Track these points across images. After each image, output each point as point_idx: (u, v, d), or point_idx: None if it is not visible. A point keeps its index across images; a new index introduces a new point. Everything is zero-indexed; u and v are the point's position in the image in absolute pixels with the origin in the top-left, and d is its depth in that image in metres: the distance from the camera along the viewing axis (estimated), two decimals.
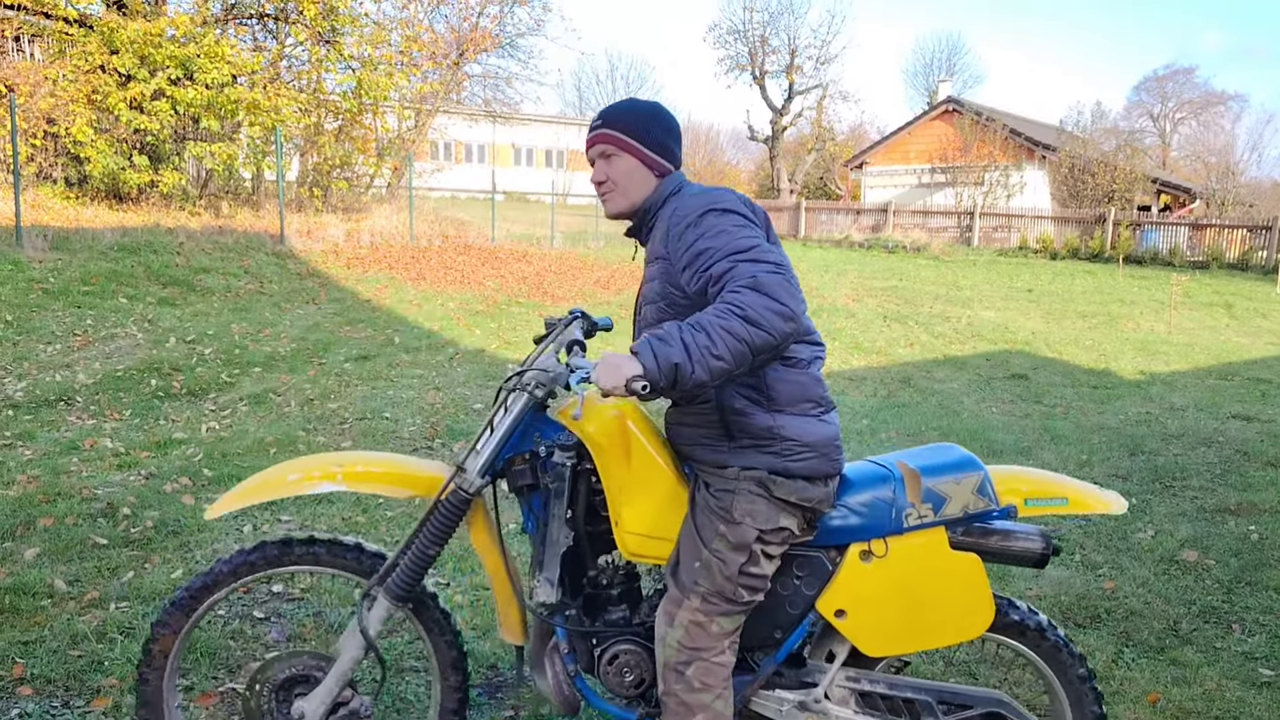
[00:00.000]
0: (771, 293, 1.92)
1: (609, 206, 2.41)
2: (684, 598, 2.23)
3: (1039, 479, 2.47)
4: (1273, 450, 7.00)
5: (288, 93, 16.70)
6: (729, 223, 2.10)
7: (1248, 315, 16.39)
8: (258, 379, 7.74)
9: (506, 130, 37.17)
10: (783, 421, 2.20)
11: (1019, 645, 2.44)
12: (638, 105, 2.40)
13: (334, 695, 2.39)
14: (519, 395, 2.32)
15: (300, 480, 2.37)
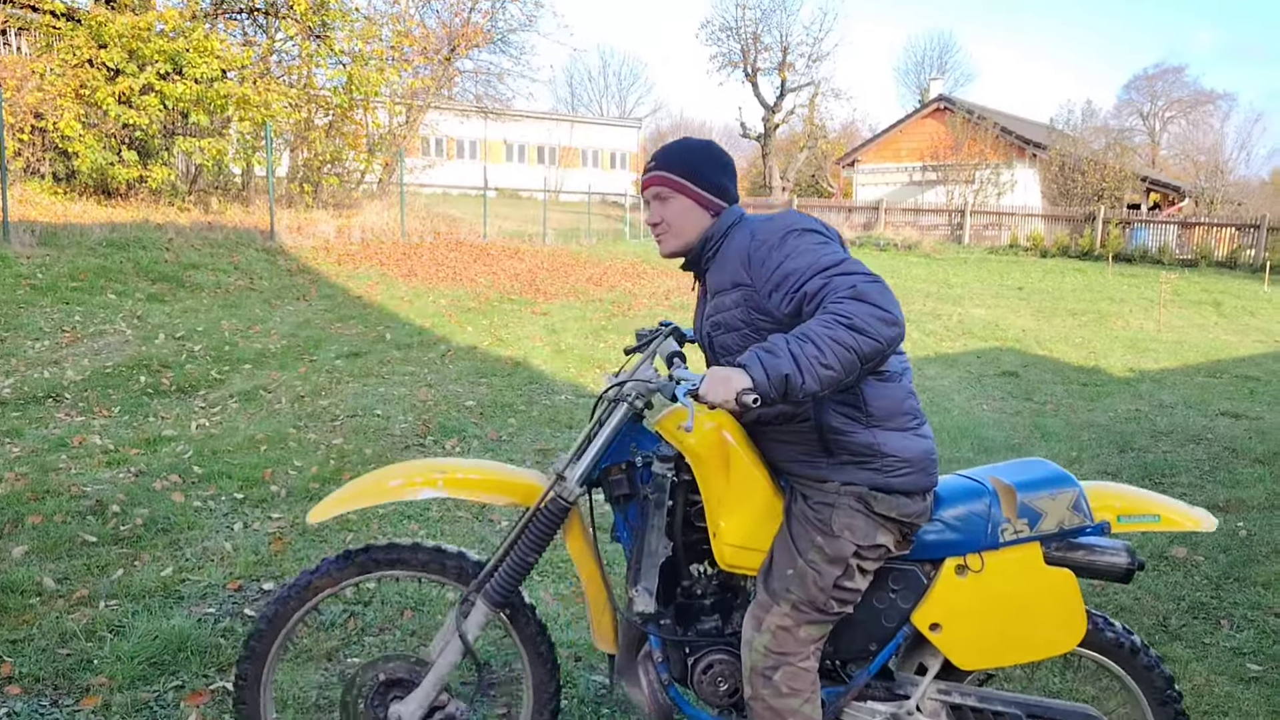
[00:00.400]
0: (873, 300, 1.94)
1: (663, 247, 2.43)
2: (773, 603, 2.25)
3: (1131, 496, 2.48)
4: (1260, 447, 7.03)
5: (278, 88, 16.64)
6: (810, 242, 2.12)
7: (1236, 313, 16.46)
8: (248, 376, 7.71)
9: (498, 126, 37.07)
10: (882, 438, 2.22)
11: (1109, 662, 2.46)
12: (691, 145, 2.41)
13: (431, 699, 2.41)
14: (619, 405, 2.34)
15: (402, 486, 2.41)
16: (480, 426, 6.68)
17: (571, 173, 45.98)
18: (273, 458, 5.64)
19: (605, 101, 62.39)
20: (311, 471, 5.41)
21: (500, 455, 6.00)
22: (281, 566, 4.13)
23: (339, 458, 5.73)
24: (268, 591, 3.89)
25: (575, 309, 12.47)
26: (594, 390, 8.10)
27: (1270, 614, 4.14)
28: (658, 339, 2.57)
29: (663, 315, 12.39)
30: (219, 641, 3.44)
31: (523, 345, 9.81)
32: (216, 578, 3.99)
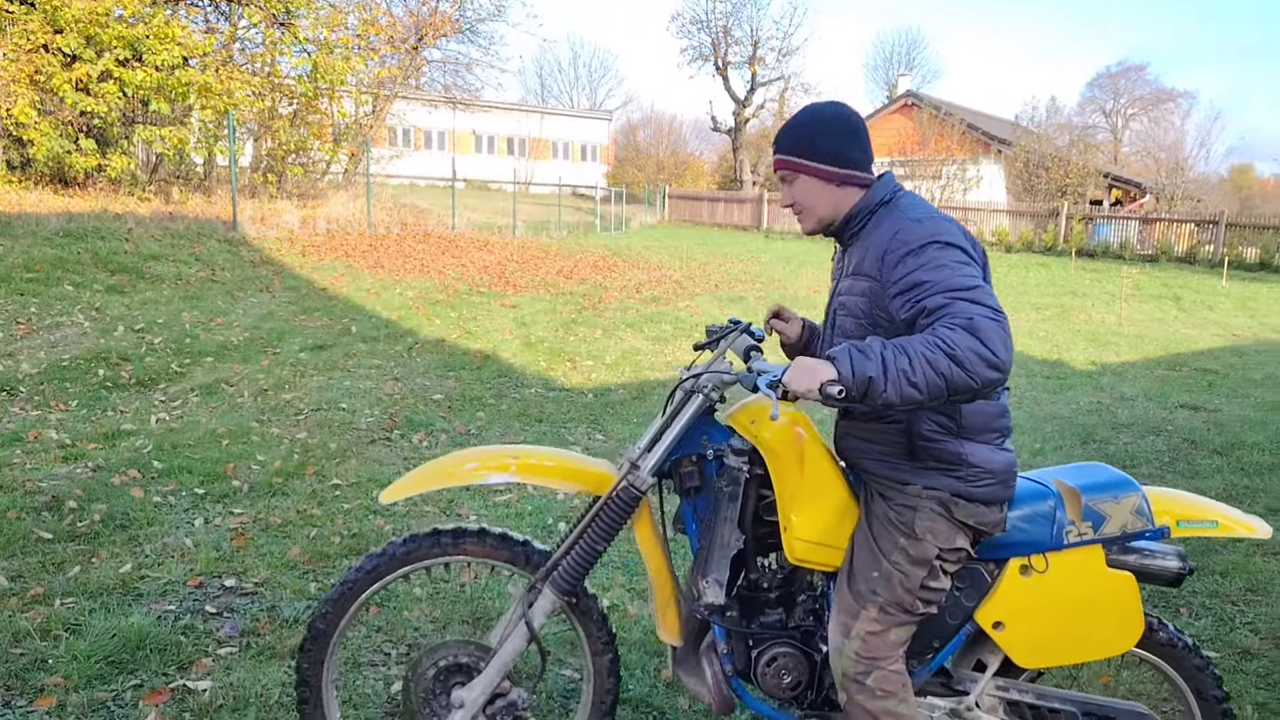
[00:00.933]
0: (984, 338, 1.88)
1: (803, 226, 2.41)
2: (860, 608, 2.26)
3: (1190, 502, 2.51)
4: (1219, 439, 7.13)
5: (241, 76, 16.41)
6: (951, 257, 2.05)
7: (1195, 307, 16.69)
8: (209, 369, 7.60)
9: (467, 117, 36.86)
10: (969, 449, 2.22)
11: (1162, 663, 2.51)
12: (803, 121, 2.33)
13: (494, 685, 2.41)
14: (694, 397, 2.36)
15: (477, 469, 2.42)
16: (448, 420, 6.63)
17: (541, 164, 45.82)
18: (235, 452, 5.56)
19: (576, 93, 62.26)
20: (275, 466, 5.34)
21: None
22: (243, 562, 4.08)
23: (303, 452, 5.66)
24: (230, 588, 3.84)
25: (545, 302, 12.42)
26: (564, 383, 8.07)
27: (1227, 601, 4.20)
28: (730, 334, 2.58)
29: (634, 308, 12.37)
30: (179, 639, 3.38)
31: (492, 338, 9.75)
32: (177, 574, 3.92)
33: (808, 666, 2.44)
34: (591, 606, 2.52)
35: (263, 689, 3.09)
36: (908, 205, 2.23)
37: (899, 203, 2.25)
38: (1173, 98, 52.25)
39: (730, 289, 15.31)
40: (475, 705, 2.39)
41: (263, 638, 3.44)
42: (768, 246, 26.56)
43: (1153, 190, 34.34)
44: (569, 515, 4.85)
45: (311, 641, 2.45)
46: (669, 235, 29.22)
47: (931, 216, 2.15)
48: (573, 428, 6.72)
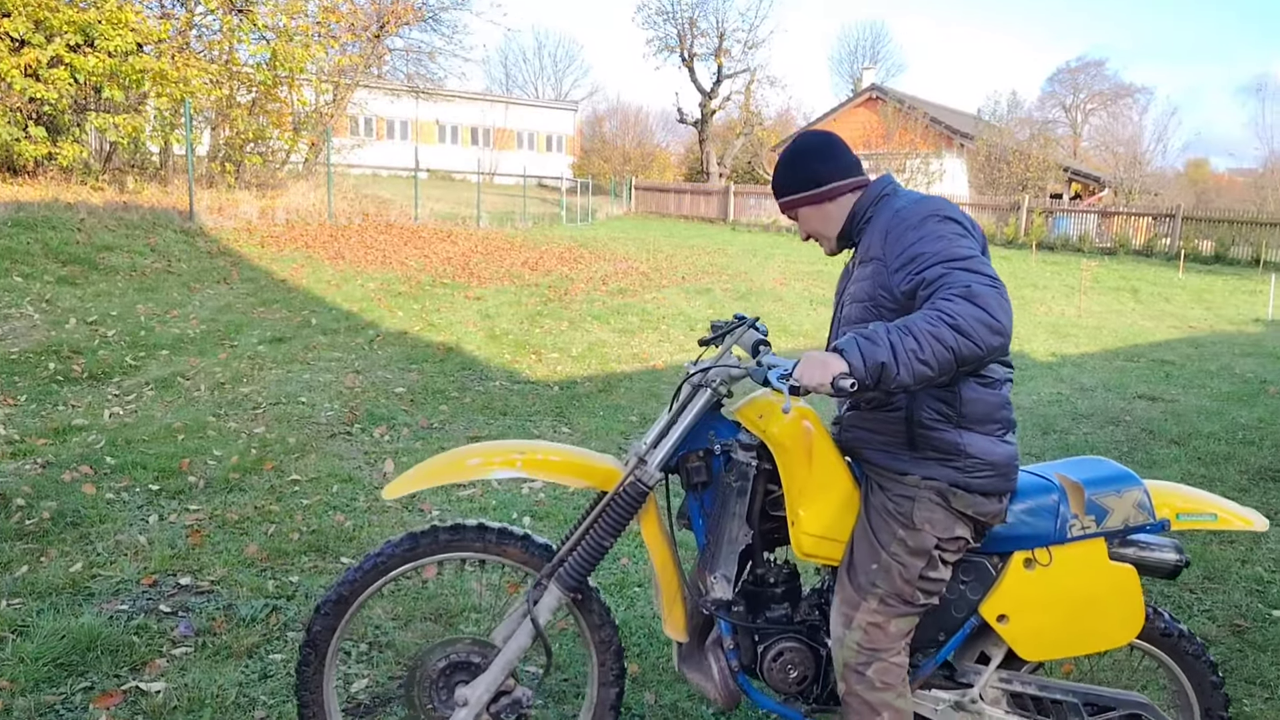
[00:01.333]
0: (984, 304, 1.92)
1: (825, 250, 2.50)
2: (861, 599, 2.27)
3: (1189, 495, 2.54)
4: (1176, 429, 7.22)
5: (197, 63, 16.12)
6: (949, 230, 2.12)
7: (1152, 299, 16.91)
8: (165, 362, 7.45)
9: (430, 106, 36.48)
10: (969, 440, 2.23)
11: (1160, 653, 2.54)
12: (780, 164, 2.45)
13: (499, 683, 2.39)
14: (703, 391, 2.35)
15: (481, 465, 2.40)
16: (410, 414, 6.55)
17: (506, 155, 45.52)
18: (191, 447, 5.45)
19: (541, 83, 61.95)
20: (232, 461, 5.24)
21: (431, 443, 5.88)
22: (200, 560, 3.99)
23: (261, 447, 5.57)
24: (185, 586, 3.75)
25: (510, 293, 12.32)
26: (529, 376, 8.01)
27: (1185, 589, 4.25)
28: (737, 329, 2.58)
29: (601, 300, 12.31)
30: (132, 639, 3.30)
31: (455, 330, 9.65)
32: (130, 573, 3.83)
33: (814, 661, 2.45)
34: (596, 603, 2.50)
35: (219, 689, 3.02)
36: (907, 192, 2.34)
37: (897, 192, 2.34)
38: (1130, 93, 52.94)
39: (697, 281, 15.29)
40: (479, 703, 2.38)
41: (219, 637, 3.37)
42: (734, 238, 26.59)
43: (1111, 184, 34.77)
44: (534, 510, 4.80)
45: (309, 647, 2.41)
46: (635, 227, 29.16)
47: (930, 197, 2.25)
48: (538, 421, 6.67)
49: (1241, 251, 24.38)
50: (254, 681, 3.11)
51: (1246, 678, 3.48)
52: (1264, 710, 3.25)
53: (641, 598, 3.89)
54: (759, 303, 13.42)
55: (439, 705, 2.41)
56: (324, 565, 4.03)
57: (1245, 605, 4.12)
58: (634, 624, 3.65)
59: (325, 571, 3.97)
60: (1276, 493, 5.76)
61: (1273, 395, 8.61)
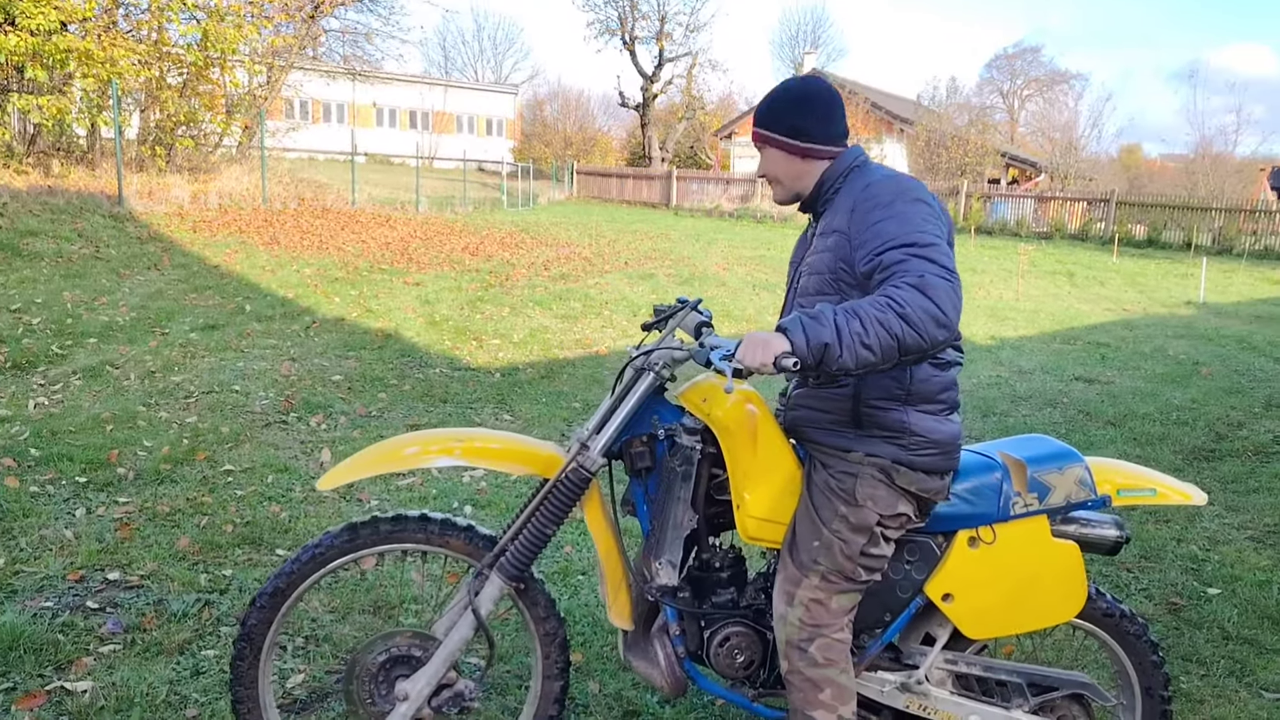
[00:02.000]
0: (934, 296, 1.91)
1: (774, 195, 2.44)
2: (803, 576, 2.26)
3: (1129, 471, 2.56)
4: (1112, 410, 7.36)
5: (125, 43, 15.63)
6: (917, 213, 2.08)
7: (1087, 283, 17.24)
8: (93, 350, 7.23)
9: (368, 89, 35.90)
10: (915, 418, 2.24)
11: (1102, 633, 2.56)
12: (774, 95, 2.37)
13: (440, 676, 2.34)
14: (645, 375, 2.33)
15: (419, 454, 2.35)
16: (348, 402, 6.43)
17: (446, 138, 45.06)
18: (120, 438, 5.29)
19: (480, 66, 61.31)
20: (163, 452, 5.09)
21: (369, 431, 5.78)
22: (129, 554, 3.87)
23: (193, 437, 5.42)
24: (113, 581, 3.63)
25: (450, 279, 12.17)
26: (470, 363, 7.91)
27: (1122, 569, 4.33)
28: (679, 312, 2.53)
29: (543, 286, 12.21)
30: (58, 638, 3.19)
31: (394, 316, 9.50)
32: (55, 568, 3.70)
33: (761, 645, 2.44)
34: (540, 592, 2.45)
35: (149, 688, 2.93)
36: (878, 167, 2.30)
37: (868, 166, 2.31)
38: (1066, 79, 53.85)
39: (640, 266, 15.25)
40: (420, 697, 2.32)
41: (149, 633, 3.27)
42: (677, 223, 26.58)
43: (1047, 169, 35.43)
44: (475, 499, 4.74)
45: (244, 641, 2.33)
46: (578, 212, 29.02)
47: (902, 175, 2.22)
48: (479, 408, 6.59)
49: (1173, 236, 25.01)
50: (185, 679, 3.02)
51: (1183, 655, 3.55)
52: (1200, 687, 3.31)
53: (585, 586, 3.86)
54: (702, 288, 13.43)
55: (378, 700, 2.34)
56: (259, 558, 3.93)
57: (1181, 583, 4.21)
58: (578, 612, 3.61)
59: (260, 564, 3.87)
60: (1210, 471, 5.90)
61: (1205, 377, 8.83)
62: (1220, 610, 3.92)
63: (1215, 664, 3.49)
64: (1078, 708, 2.54)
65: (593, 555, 4.07)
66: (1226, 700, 3.24)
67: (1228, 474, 5.84)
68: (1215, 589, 4.14)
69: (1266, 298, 15.91)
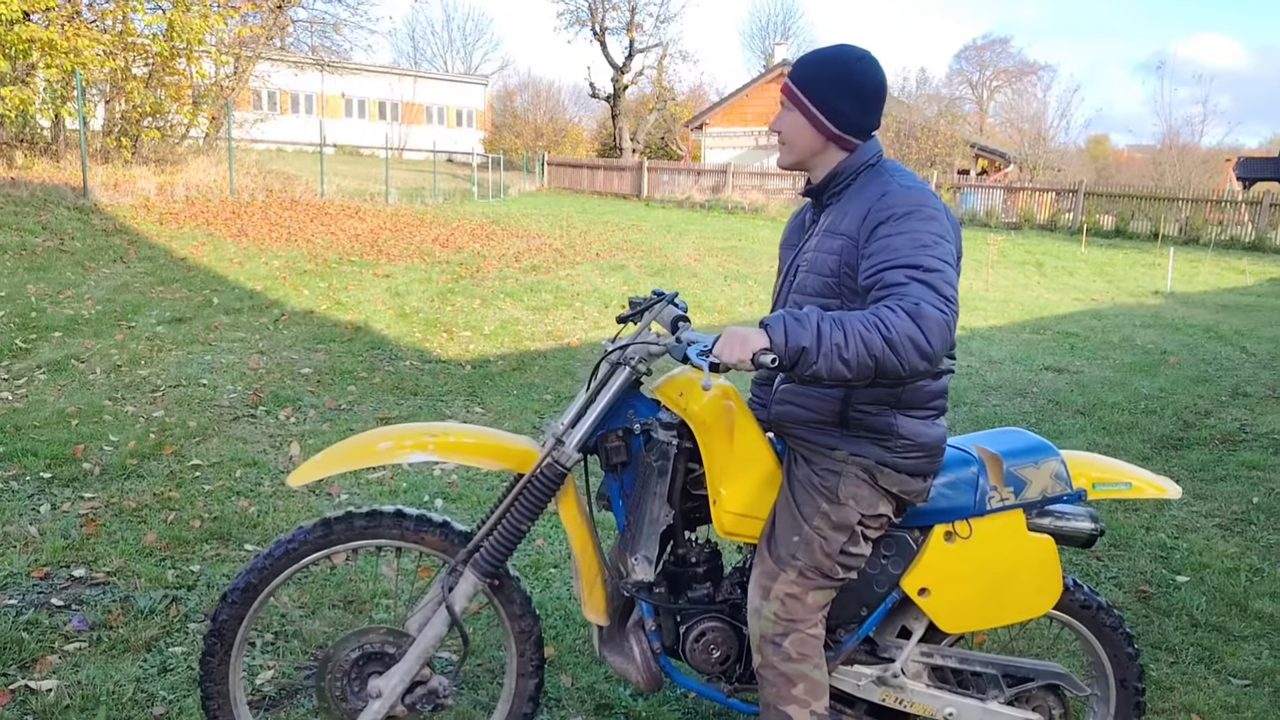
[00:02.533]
0: (924, 326, 1.86)
1: (780, 158, 2.34)
2: (780, 571, 2.24)
3: (1105, 465, 2.56)
4: (1081, 399, 7.43)
5: (89, 33, 15.41)
6: (929, 232, 2.02)
7: (1056, 273, 17.41)
8: (58, 344, 7.12)
9: (336, 80, 35.57)
10: (902, 422, 2.21)
11: (1078, 624, 2.57)
12: (826, 58, 2.24)
13: (414, 673, 2.31)
14: (621, 369, 2.30)
15: (392, 449, 2.31)
16: (317, 395, 6.37)
17: (415, 130, 44.75)
18: (85, 432, 5.21)
19: (450, 57, 60.90)
20: (129, 446, 5.02)
21: (339, 425, 5.73)
22: (94, 550, 3.82)
23: (160, 431, 5.35)
24: (79, 578, 3.58)
25: (420, 271, 12.09)
26: (441, 355, 7.87)
27: (1092, 557, 4.36)
28: (655, 305, 2.47)
29: (514, 277, 12.16)
30: (21, 636, 3.14)
31: (364, 309, 9.43)
32: (19, 565, 3.64)
33: (736, 641, 2.43)
34: (515, 590, 2.43)
35: (115, 685, 2.90)
36: (894, 170, 2.22)
37: (884, 166, 2.23)
38: (1035, 70, 54.38)
39: (611, 257, 15.23)
40: (394, 694, 2.30)
41: (115, 630, 3.22)
42: (648, 214, 26.56)
43: (1016, 160, 35.70)
44: (447, 492, 4.71)
45: (215, 637, 2.29)
46: (549, 203, 28.94)
47: (920, 186, 2.14)
48: (450, 401, 6.55)
49: (1141, 226, 25.31)
50: (153, 676, 2.98)
51: (1152, 643, 3.58)
52: (1169, 674, 3.34)
53: (558, 579, 3.85)
54: (674, 279, 13.43)
55: (351, 697, 2.32)
56: (227, 553, 3.89)
57: (1150, 571, 4.25)
58: (550, 606, 3.60)
59: (228, 559, 3.83)
60: (1177, 460, 5.97)
61: (1172, 366, 8.94)
62: (1189, 598, 3.96)
63: (1184, 651, 3.53)
64: (1053, 698, 2.55)
65: (565, 549, 4.07)
66: (1195, 687, 3.27)
67: (1195, 462, 5.90)
68: (1184, 576, 4.19)
69: (1232, 287, 16.13)
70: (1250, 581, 4.16)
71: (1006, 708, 2.48)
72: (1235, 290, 15.71)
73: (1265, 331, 11.26)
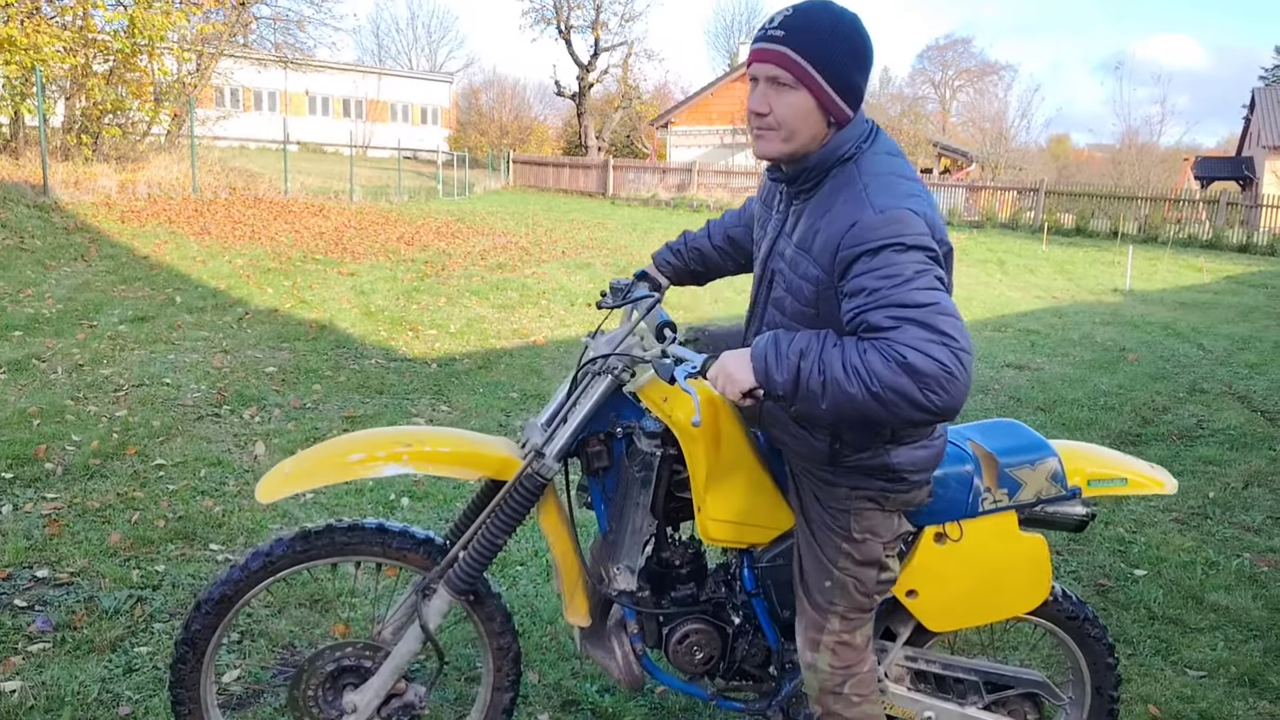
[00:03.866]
0: (919, 381, 1.64)
1: (761, 146, 1.97)
2: (824, 621, 2.17)
3: (1099, 458, 2.52)
4: (1041, 396, 7.54)
5: (49, 29, 15.20)
6: (909, 262, 1.75)
7: (1018, 271, 17.59)
8: (18, 344, 7.03)
9: (300, 77, 35.25)
10: (895, 455, 2.06)
11: (1062, 633, 2.56)
12: (833, 22, 1.88)
13: (388, 688, 2.31)
14: (602, 378, 2.22)
15: (364, 461, 2.21)
16: (281, 394, 6.34)
17: (380, 127, 44.45)
18: (47, 432, 5.16)
19: (415, 54, 60.62)
20: (92, 446, 4.98)
21: (304, 424, 5.71)
22: (58, 551, 3.79)
23: (123, 430, 5.30)
24: (42, 579, 3.55)
25: (385, 269, 12.04)
26: (406, 353, 7.85)
27: (1052, 551, 4.40)
28: (641, 300, 2.35)
29: (479, 275, 12.13)
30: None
31: (329, 307, 9.38)
32: None
33: (720, 640, 2.41)
34: (496, 607, 2.39)
35: (80, 686, 2.89)
36: (870, 176, 1.91)
37: (861, 168, 1.93)
38: (996, 70, 54.93)
39: (577, 255, 15.23)
40: (369, 708, 2.29)
41: (80, 631, 3.21)
42: (614, 212, 26.57)
43: (979, 159, 36.06)
44: (413, 490, 4.71)
45: (186, 645, 2.26)
46: (514, 201, 28.86)
47: (896, 206, 1.82)
48: (416, 399, 6.54)
49: (1100, 224, 25.66)
50: (118, 676, 2.97)
51: (1112, 636, 3.64)
52: (1127, 666, 3.39)
53: (524, 576, 3.86)
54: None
55: (326, 709, 2.31)
56: (192, 553, 3.87)
57: (1109, 565, 4.32)
58: (516, 603, 3.62)
59: (193, 559, 3.81)
60: (1135, 455, 6.04)
61: (1131, 363, 9.08)
62: (1146, 591, 4.03)
63: (1142, 644, 3.59)
64: (1029, 705, 2.55)
65: (531, 546, 4.09)
66: (1153, 679, 3.33)
67: (1153, 457, 5.99)
68: (1141, 570, 4.26)
69: (1190, 285, 16.38)
70: (1206, 575, 4.24)
71: (984, 713, 2.49)
72: (1193, 288, 15.96)
73: (1222, 329, 11.46)
